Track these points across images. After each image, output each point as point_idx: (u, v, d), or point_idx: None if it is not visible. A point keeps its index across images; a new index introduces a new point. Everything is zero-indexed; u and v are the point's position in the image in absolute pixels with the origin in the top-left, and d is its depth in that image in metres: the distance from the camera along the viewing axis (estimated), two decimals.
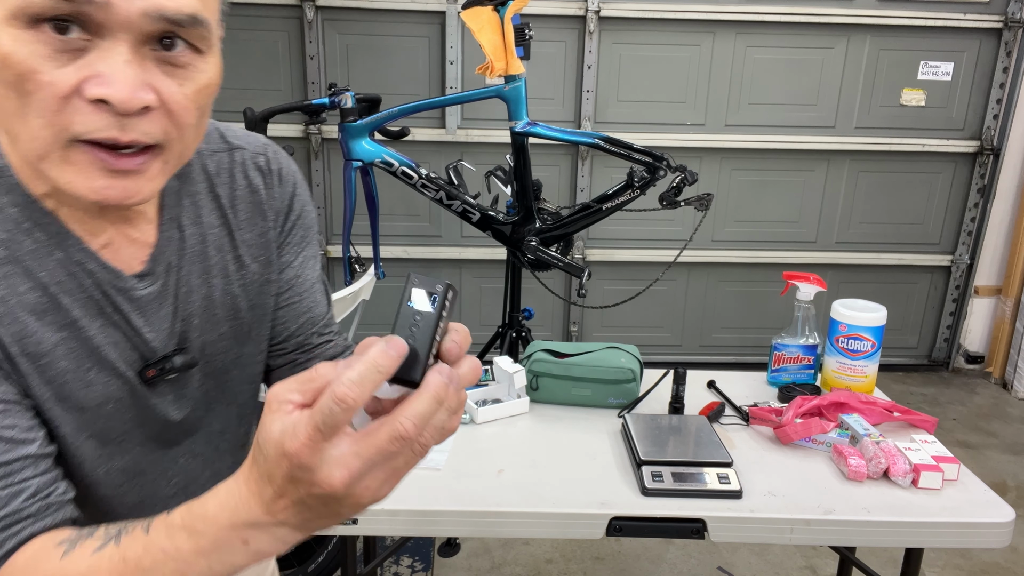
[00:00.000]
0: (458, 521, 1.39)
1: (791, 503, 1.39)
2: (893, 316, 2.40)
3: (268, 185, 0.84)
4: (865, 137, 3.58)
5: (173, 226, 0.77)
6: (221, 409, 0.85)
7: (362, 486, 0.52)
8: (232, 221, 0.81)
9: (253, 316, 0.84)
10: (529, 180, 2.45)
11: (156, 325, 0.75)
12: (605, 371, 1.69)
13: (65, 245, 0.69)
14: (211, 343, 0.81)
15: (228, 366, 0.84)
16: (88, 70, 0.58)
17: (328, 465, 0.51)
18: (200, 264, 0.79)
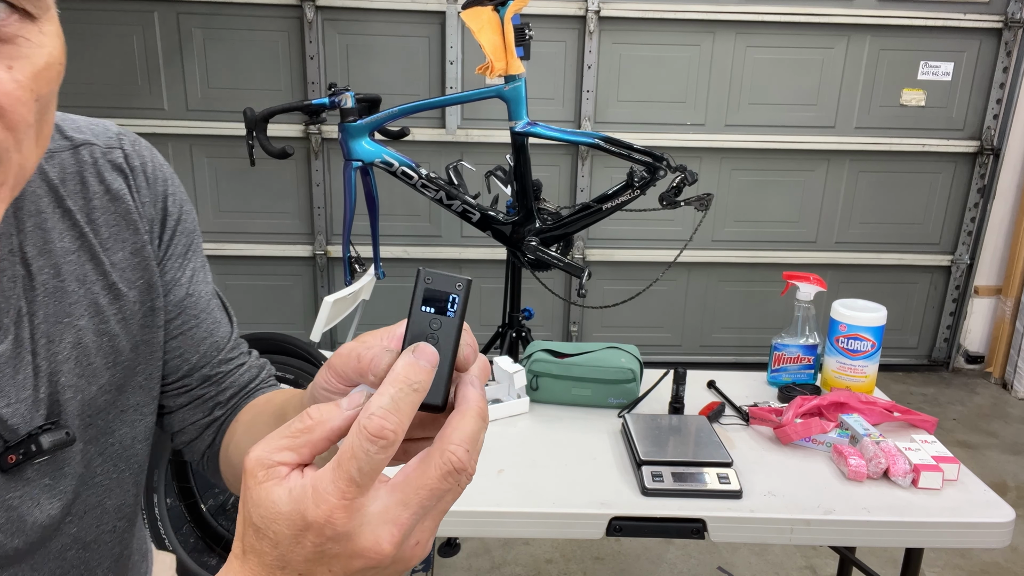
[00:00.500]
0: (458, 521, 1.39)
1: (791, 503, 1.39)
2: (893, 316, 2.40)
3: (133, 187, 0.66)
4: (865, 137, 3.58)
5: (15, 261, 0.58)
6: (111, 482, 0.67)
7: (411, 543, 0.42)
8: (93, 241, 0.62)
9: (138, 357, 0.66)
10: (529, 180, 2.45)
11: (13, 395, 0.56)
12: (605, 371, 1.69)
13: None
14: (90, 402, 0.62)
15: (113, 425, 0.65)
16: None
17: (372, 527, 0.40)
18: (59, 304, 0.60)
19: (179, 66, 3.33)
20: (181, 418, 0.74)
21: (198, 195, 3.50)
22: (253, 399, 0.75)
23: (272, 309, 3.67)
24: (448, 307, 0.44)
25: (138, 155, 0.67)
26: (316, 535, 0.39)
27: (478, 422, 0.42)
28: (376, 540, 0.40)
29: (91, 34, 3.28)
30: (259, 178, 3.46)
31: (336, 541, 0.39)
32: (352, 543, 0.40)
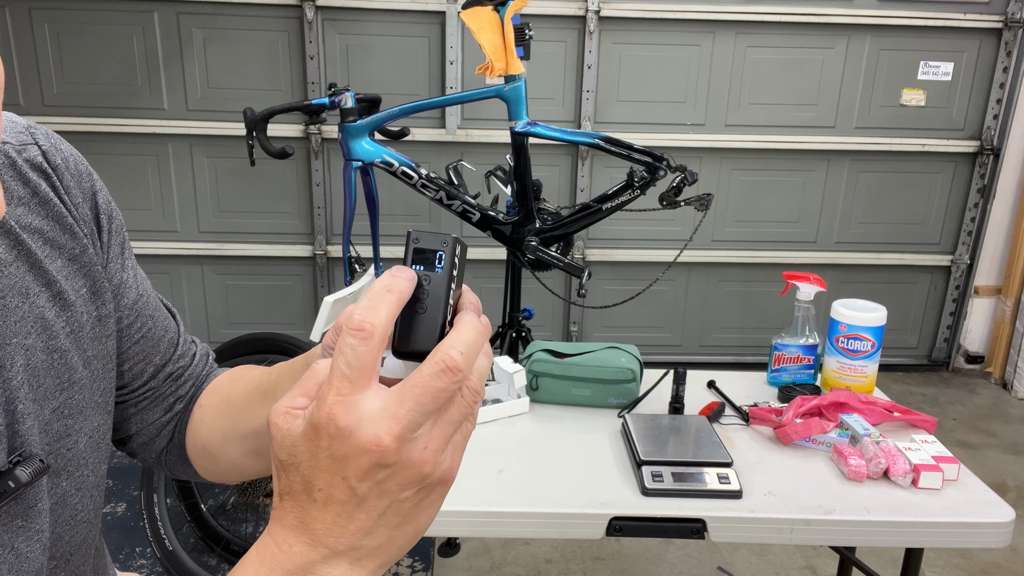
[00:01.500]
0: (458, 521, 1.39)
1: (791, 503, 1.39)
2: (893, 316, 2.40)
3: (60, 188, 0.61)
4: (865, 137, 3.58)
5: None
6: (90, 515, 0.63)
7: (419, 447, 0.42)
8: (32, 247, 0.57)
9: (92, 373, 0.61)
10: (529, 180, 2.45)
11: None
12: (605, 371, 1.69)
13: None
14: (45, 428, 0.57)
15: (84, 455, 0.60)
16: None
17: (371, 421, 0.41)
18: (4, 323, 0.54)
19: (179, 66, 3.33)
20: (139, 421, 0.72)
21: (198, 195, 3.50)
22: (207, 384, 0.75)
23: (272, 309, 3.67)
24: (436, 263, 0.46)
25: (57, 151, 0.61)
26: (323, 437, 0.41)
27: (474, 335, 0.44)
28: (375, 433, 0.41)
29: (91, 34, 3.28)
30: (259, 178, 3.46)
31: (339, 439, 0.41)
32: (354, 438, 0.41)
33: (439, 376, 0.42)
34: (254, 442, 0.68)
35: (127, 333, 0.67)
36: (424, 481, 0.43)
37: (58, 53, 3.30)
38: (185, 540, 2.32)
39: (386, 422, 0.41)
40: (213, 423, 0.71)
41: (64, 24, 3.27)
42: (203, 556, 2.35)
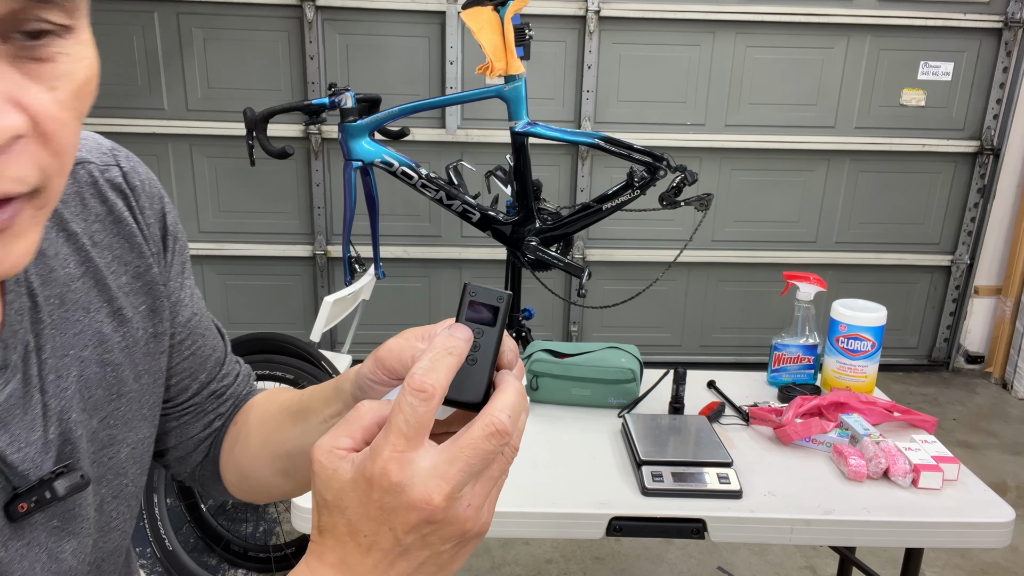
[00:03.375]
0: None
1: (791, 503, 1.39)
2: (893, 316, 2.39)
3: (136, 208, 0.63)
4: (865, 137, 3.58)
5: (21, 291, 0.54)
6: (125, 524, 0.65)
7: (463, 504, 0.45)
8: (99, 265, 0.59)
9: (141, 387, 0.63)
10: (529, 180, 2.45)
11: (23, 438, 0.53)
12: (605, 371, 1.69)
13: None
14: (93, 438, 0.59)
15: (125, 465, 0.62)
16: None
17: (423, 479, 0.43)
18: (64, 336, 0.56)
19: (179, 66, 3.33)
20: (178, 435, 0.73)
21: (198, 195, 3.50)
22: (245, 404, 0.77)
23: (272, 309, 3.67)
24: (490, 319, 0.49)
25: (135, 173, 0.64)
26: (375, 489, 0.43)
27: (518, 397, 0.47)
28: (427, 492, 0.43)
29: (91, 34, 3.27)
30: (259, 178, 3.46)
31: (392, 493, 0.43)
32: (406, 495, 0.43)
33: (488, 439, 0.45)
34: (284, 463, 0.69)
35: (178, 349, 0.69)
36: (464, 536, 0.46)
37: None
38: (185, 540, 2.32)
39: (437, 481, 0.43)
40: (247, 441, 0.73)
41: None
42: (203, 556, 2.36)
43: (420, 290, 3.68)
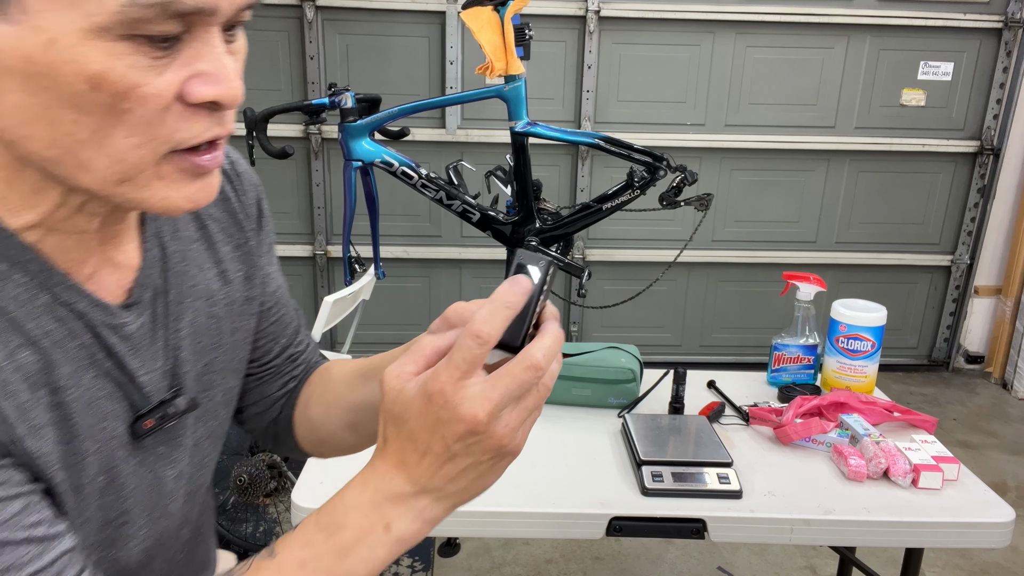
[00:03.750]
0: (458, 521, 1.39)
1: (791, 503, 1.39)
2: (893, 316, 2.39)
3: (239, 190, 0.76)
4: (865, 137, 3.58)
5: (156, 242, 0.66)
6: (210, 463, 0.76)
7: (502, 423, 0.54)
8: (211, 232, 0.72)
9: (235, 342, 0.74)
10: (529, 180, 2.45)
11: (149, 365, 0.64)
12: (605, 371, 1.69)
13: (50, 285, 0.57)
14: (197, 378, 0.70)
15: (217, 408, 0.73)
16: (187, 70, 0.50)
17: (470, 400, 0.53)
18: (184, 285, 0.68)
19: None
20: (258, 393, 0.84)
21: None
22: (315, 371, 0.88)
23: None
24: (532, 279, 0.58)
25: (239, 163, 0.77)
26: (433, 404, 0.53)
27: (555, 340, 0.56)
28: (473, 408, 0.53)
29: None
30: (259, 178, 3.45)
31: (446, 408, 0.53)
32: (457, 410, 0.53)
33: (526, 371, 0.54)
34: (352, 416, 0.79)
35: (266, 316, 0.80)
36: (501, 450, 0.56)
37: None
38: None
39: (482, 401, 0.53)
40: (319, 398, 0.83)
41: None
42: None
43: (420, 290, 3.68)
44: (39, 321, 0.56)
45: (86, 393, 0.59)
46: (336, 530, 0.56)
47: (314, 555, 0.56)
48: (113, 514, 0.62)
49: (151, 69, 0.49)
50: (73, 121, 0.49)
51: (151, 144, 0.51)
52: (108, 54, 0.47)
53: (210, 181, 0.57)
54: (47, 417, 0.56)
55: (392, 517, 0.57)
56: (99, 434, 0.60)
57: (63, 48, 0.46)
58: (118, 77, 0.48)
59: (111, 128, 0.50)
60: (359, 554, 0.56)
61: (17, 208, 0.55)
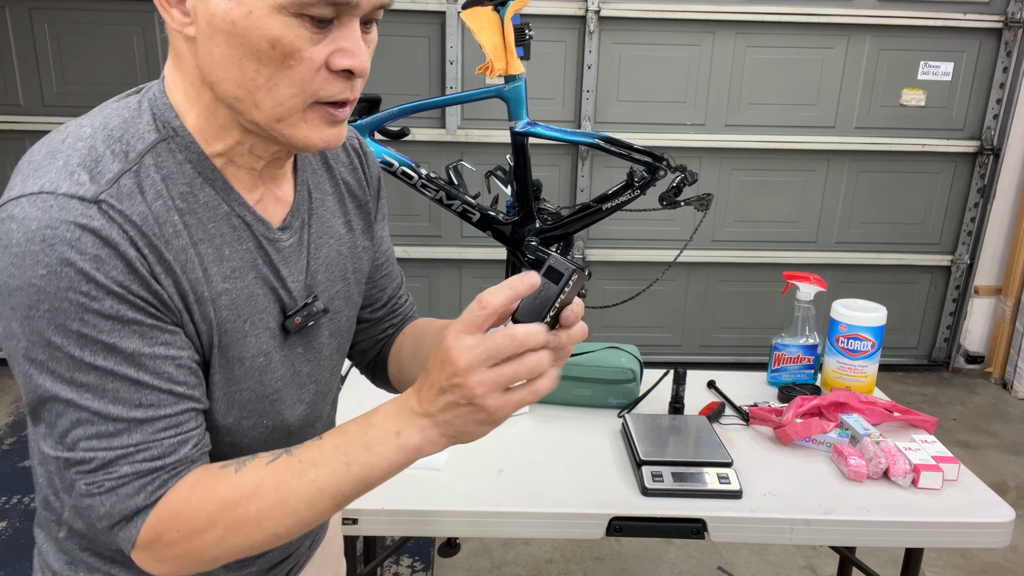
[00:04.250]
0: (458, 521, 1.39)
1: (791, 503, 1.40)
2: (893, 316, 2.40)
3: (364, 165, 0.95)
4: (865, 137, 3.58)
5: (304, 188, 0.86)
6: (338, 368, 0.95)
7: (476, 378, 0.66)
8: (342, 190, 0.91)
9: (355, 280, 0.93)
10: (529, 180, 2.45)
11: (296, 276, 0.83)
12: (605, 371, 1.69)
13: (229, 200, 0.76)
14: (330, 300, 0.88)
15: (343, 327, 0.92)
16: (333, 45, 0.69)
17: (459, 349, 0.66)
18: (321, 224, 0.87)
19: None
20: (365, 333, 1.03)
21: None
22: (410, 323, 1.05)
23: None
24: (557, 279, 0.68)
25: (365, 144, 0.97)
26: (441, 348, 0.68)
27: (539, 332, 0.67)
28: (458, 356, 0.66)
29: (91, 34, 3.28)
30: None
31: (445, 351, 0.67)
32: (449, 354, 0.67)
33: (504, 338, 0.66)
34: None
35: (379, 269, 0.99)
36: (472, 401, 0.67)
37: (58, 53, 3.30)
38: None
39: (465, 353, 0.66)
40: (409, 346, 1.00)
41: (64, 24, 3.28)
42: None
43: (420, 290, 3.68)
44: (218, 225, 0.75)
45: (248, 287, 0.78)
46: (367, 427, 0.72)
47: (347, 442, 0.72)
48: (269, 390, 0.82)
49: (311, 40, 0.68)
50: (255, 70, 0.68)
51: (303, 95, 0.70)
52: (284, 25, 0.67)
53: (340, 130, 0.75)
54: (216, 295, 0.75)
55: (402, 426, 0.71)
56: (259, 322, 0.79)
57: (256, 18, 0.66)
58: (289, 42, 0.67)
59: (279, 79, 0.69)
60: (375, 449, 0.71)
61: (211, 139, 0.75)
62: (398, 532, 1.44)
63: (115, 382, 0.69)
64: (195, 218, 0.74)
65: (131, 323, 0.69)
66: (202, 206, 0.74)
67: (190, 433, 0.73)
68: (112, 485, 0.70)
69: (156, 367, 0.70)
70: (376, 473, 0.72)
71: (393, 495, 1.38)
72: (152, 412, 0.70)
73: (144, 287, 0.69)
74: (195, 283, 0.73)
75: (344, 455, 0.71)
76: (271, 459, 0.73)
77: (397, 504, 1.37)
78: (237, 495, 0.71)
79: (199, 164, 0.74)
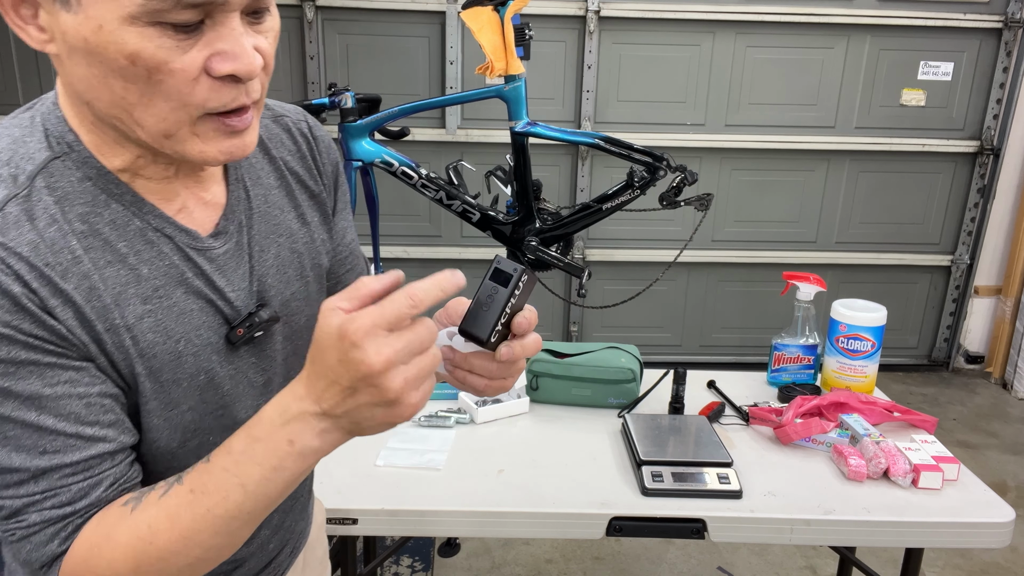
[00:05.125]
0: (458, 521, 1.39)
1: (791, 503, 1.40)
2: (893, 316, 2.39)
3: (316, 151, 0.88)
4: (865, 137, 3.58)
5: (239, 186, 0.79)
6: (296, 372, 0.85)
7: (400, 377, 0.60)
8: (289, 180, 0.84)
9: (314, 276, 0.87)
10: (529, 180, 2.45)
11: (236, 284, 0.77)
12: (605, 371, 1.69)
13: (142, 214, 0.70)
14: (285, 303, 0.82)
15: (302, 329, 0.85)
16: (210, 49, 0.62)
17: (375, 346, 0.59)
18: (267, 223, 0.81)
19: None
20: None
21: None
22: None
23: None
24: (506, 283, 0.63)
25: (318, 128, 0.89)
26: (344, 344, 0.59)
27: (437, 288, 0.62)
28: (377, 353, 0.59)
29: None
30: None
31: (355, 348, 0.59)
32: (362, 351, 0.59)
33: (401, 297, 0.60)
34: None
35: (343, 263, 0.93)
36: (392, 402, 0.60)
37: None
38: None
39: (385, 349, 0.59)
40: None
41: None
42: None
43: None
44: (130, 242, 0.69)
45: (177, 304, 0.72)
46: (253, 442, 0.64)
47: (234, 462, 0.64)
48: (214, 407, 0.76)
49: (176, 49, 0.61)
50: (123, 88, 0.62)
51: (186, 108, 0.63)
52: (141, 37, 0.59)
53: (244, 139, 0.68)
54: (134, 320, 0.69)
55: (295, 433, 0.63)
56: (196, 339, 0.73)
57: (107, 32, 0.59)
58: (149, 55, 0.60)
59: (153, 95, 0.62)
60: (270, 463, 0.64)
61: (109, 154, 0.69)
62: (398, 532, 1.44)
63: (15, 429, 0.63)
64: (100, 240, 0.68)
65: (26, 364, 0.63)
66: (108, 225, 0.68)
67: (103, 475, 0.67)
68: (24, 533, 0.66)
69: (60, 408, 0.65)
70: (279, 486, 0.65)
71: (393, 495, 1.38)
72: (57, 459, 0.65)
73: (36, 324, 0.63)
74: (104, 311, 0.67)
75: (235, 476, 0.64)
76: (163, 491, 0.66)
77: (397, 504, 1.37)
78: (134, 539, 0.66)
79: (100, 180, 0.68)
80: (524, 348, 0.67)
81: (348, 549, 1.58)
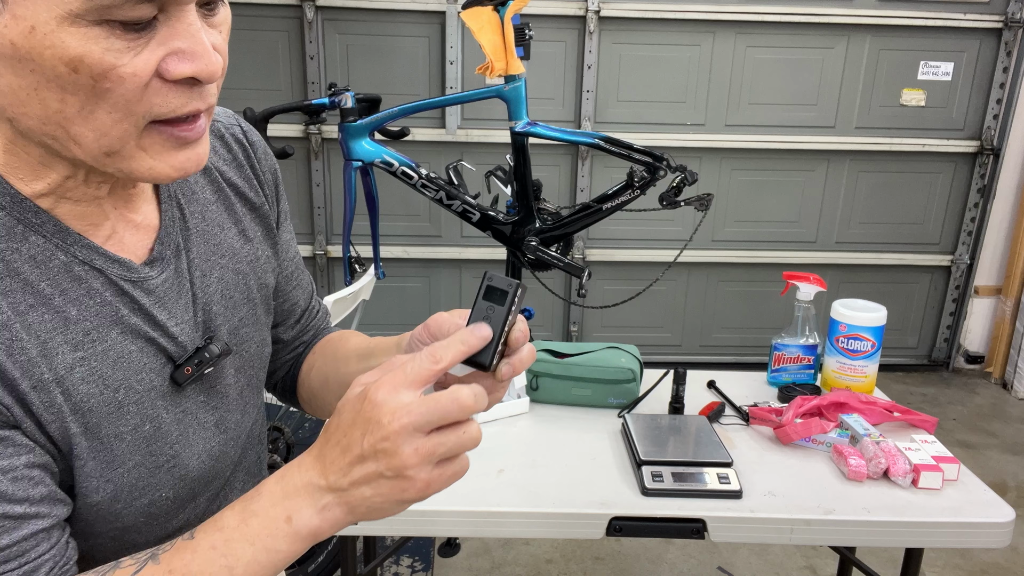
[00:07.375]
0: (458, 521, 1.39)
1: (791, 503, 1.39)
2: (893, 316, 2.40)
3: (253, 158, 0.79)
4: (865, 137, 3.58)
5: (172, 204, 0.69)
6: (255, 412, 0.80)
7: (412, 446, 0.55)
8: (228, 194, 0.75)
9: (261, 298, 0.78)
10: (529, 180, 2.45)
11: (179, 316, 0.67)
12: (605, 371, 1.69)
13: (67, 245, 0.60)
14: (234, 331, 0.73)
15: (254, 357, 0.77)
16: (165, 48, 0.53)
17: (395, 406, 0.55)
18: (206, 244, 0.72)
19: None
20: (274, 355, 0.89)
21: None
22: (323, 337, 0.92)
23: None
24: (502, 300, 0.60)
25: (252, 132, 0.80)
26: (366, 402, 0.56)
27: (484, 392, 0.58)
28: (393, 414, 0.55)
29: None
30: None
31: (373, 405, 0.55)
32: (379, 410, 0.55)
33: (451, 402, 0.55)
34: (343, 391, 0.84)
35: (289, 280, 0.85)
36: (403, 472, 0.56)
37: None
38: None
39: (403, 412, 0.55)
40: (320, 368, 0.87)
41: None
42: None
43: (420, 290, 3.68)
44: (54, 280, 0.59)
45: (113, 348, 0.62)
46: (249, 516, 0.58)
47: (225, 540, 0.58)
48: (163, 459, 0.66)
49: (128, 51, 0.52)
50: (60, 100, 0.52)
51: (132, 118, 0.54)
52: (84, 39, 0.50)
53: (197, 150, 0.59)
54: (64, 372, 0.59)
55: (294, 509, 0.58)
56: (137, 385, 0.64)
57: (42, 35, 0.49)
58: (95, 60, 0.50)
59: (95, 106, 0.53)
60: (263, 543, 0.58)
61: (28, 178, 0.58)
62: (398, 532, 1.44)
63: None
64: (19, 281, 0.57)
65: None
66: (27, 262, 0.58)
67: (41, 559, 0.57)
68: None
69: None
70: (268, 570, 0.58)
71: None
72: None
73: None
74: (28, 366, 0.57)
75: (223, 557, 0.57)
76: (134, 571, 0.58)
77: None
78: None
79: (16, 209, 0.58)
80: (523, 362, 0.63)
81: (348, 549, 1.58)
